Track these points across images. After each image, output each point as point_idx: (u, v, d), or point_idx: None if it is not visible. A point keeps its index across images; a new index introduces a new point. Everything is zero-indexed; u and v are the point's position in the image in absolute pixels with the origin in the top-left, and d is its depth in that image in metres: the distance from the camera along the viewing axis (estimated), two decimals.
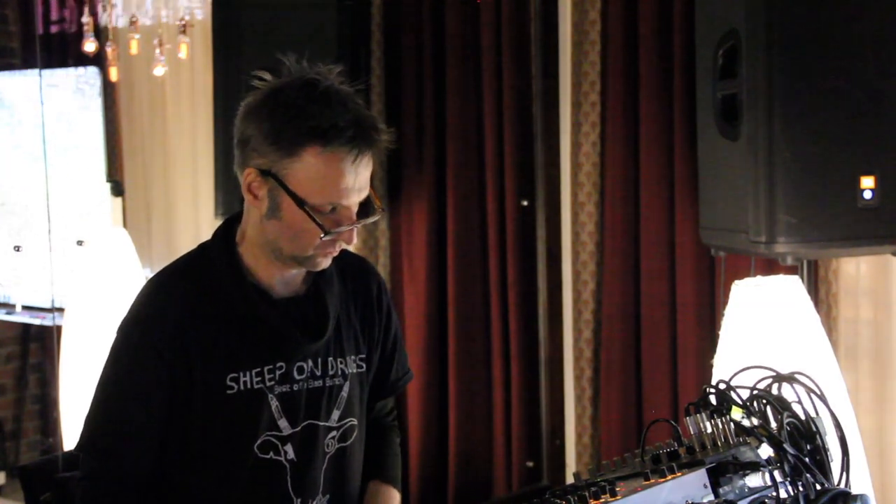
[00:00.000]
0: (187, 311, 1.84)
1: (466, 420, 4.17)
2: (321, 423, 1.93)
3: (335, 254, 1.90)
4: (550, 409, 4.00)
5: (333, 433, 1.95)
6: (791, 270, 2.98)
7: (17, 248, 4.95)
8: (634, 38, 3.62)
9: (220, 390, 1.83)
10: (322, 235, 1.82)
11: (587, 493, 1.54)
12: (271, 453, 1.87)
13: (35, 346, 5.47)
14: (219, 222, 4.56)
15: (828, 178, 2.71)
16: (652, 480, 1.60)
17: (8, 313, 5.09)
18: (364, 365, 2.02)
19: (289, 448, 1.88)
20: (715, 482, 1.63)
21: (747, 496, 1.64)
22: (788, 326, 2.76)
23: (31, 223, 4.91)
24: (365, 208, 1.92)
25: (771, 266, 3.15)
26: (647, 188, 3.62)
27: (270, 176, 1.82)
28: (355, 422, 2.00)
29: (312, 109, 1.81)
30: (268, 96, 1.85)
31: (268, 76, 1.89)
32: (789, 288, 2.80)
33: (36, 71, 4.89)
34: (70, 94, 4.91)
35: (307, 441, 1.91)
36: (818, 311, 2.93)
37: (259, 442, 1.86)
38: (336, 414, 1.95)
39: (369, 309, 2.05)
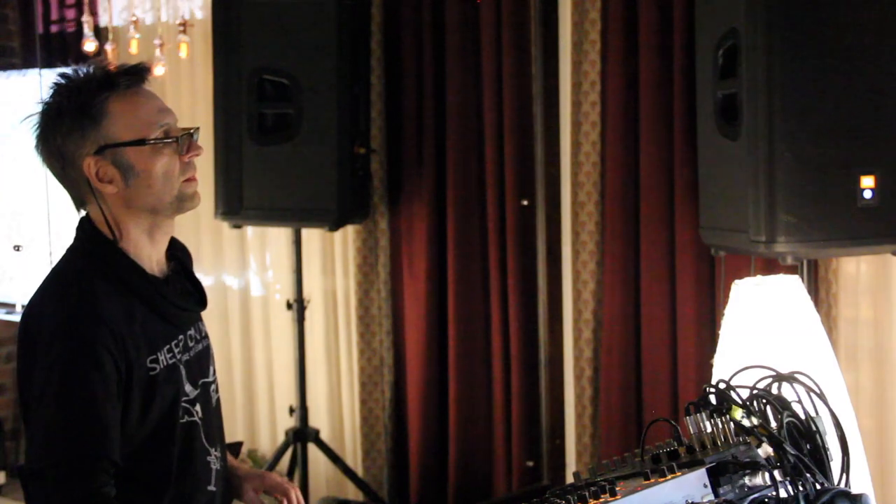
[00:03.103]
0: (115, 310, 1.93)
1: (466, 420, 4.17)
2: (208, 380, 2.11)
3: (196, 178, 2.05)
4: (550, 409, 4.00)
5: (213, 387, 2.13)
6: (791, 270, 2.98)
7: (17, 248, 4.95)
8: (634, 38, 3.62)
9: (146, 373, 1.94)
10: (179, 151, 1.98)
11: (587, 493, 1.54)
12: (186, 416, 2.01)
13: None
14: (219, 222, 4.56)
15: (828, 177, 2.71)
16: (652, 480, 1.60)
17: (8, 313, 5.09)
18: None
19: (198, 408, 2.04)
20: (715, 482, 1.63)
21: (747, 496, 1.64)
22: (788, 326, 2.76)
23: (31, 223, 4.91)
24: None
25: (771, 266, 3.15)
26: (647, 188, 3.62)
27: (105, 149, 1.94)
28: (218, 374, 2.19)
29: (82, 84, 1.96)
30: (45, 112, 1.99)
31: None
32: (789, 288, 2.80)
33: (36, 71, 4.89)
34: None
35: (204, 398, 2.08)
36: (818, 311, 2.93)
37: (180, 409, 2.00)
38: (211, 369, 2.13)
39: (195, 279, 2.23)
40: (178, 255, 2.13)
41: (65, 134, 1.95)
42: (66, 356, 1.89)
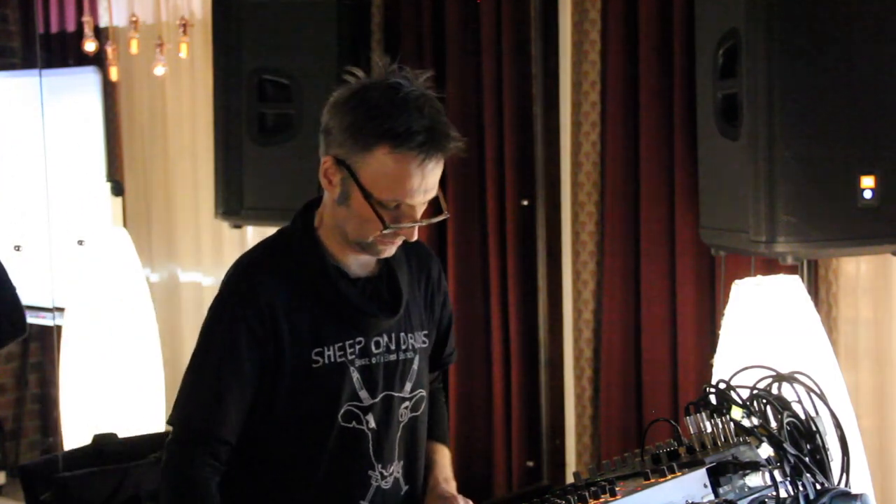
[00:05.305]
0: (278, 292, 1.99)
1: (466, 420, 4.17)
2: (396, 394, 2.08)
3: (396, 245, 2.03)
4: (550, 409, 4.00)
5: (406, 403, 2.11)
6: (791, 270, 2.99)
7: (17, 248, 4.95)
8: (634, 38, 3.62)
9: (306, 363, 1.99)
10: (382, 229, 1.95)
11: (587, 493, 1.54)
12: (353, 422, 2.02)
13: (35, 345, 5.47)
14: (219, 222, 4.57)
15: (828, 177, 2.71)
16: (652, 480, 1.60)
17: None
18: (427, 341, 2.18)
19: (370, 417, 2.04)
20: (715, 482, 1.63)
21: (747, 496, 1.64)
22: (788, 326, 2.76)
23: (31, 223, 4.91)
24: (432, 208, 2.05)
25: (771, 266, 3.15)
26: (647, 188, 3.62)
27: (344, 166, 1.95)
28: (424, 393, 2.16)
29: (390, 111, 1.93)
30: (354, 93, 1.98)
31: (360, 73, 2.03)
32: (789, 288, 2.80)
33: (36, 71, 4.89)
34: (70, 93, 4.90)
35: (385, 411, 2.06)
36: (818, 311, 2.94)
37: (342, 411, 2.01)
38: (408, 385, 2.11)
39: (432, 290, 2.21)
40: (390, 261, 2.08)
41: (338, 126, 1.96)
42: (210, 332, 2.02)
